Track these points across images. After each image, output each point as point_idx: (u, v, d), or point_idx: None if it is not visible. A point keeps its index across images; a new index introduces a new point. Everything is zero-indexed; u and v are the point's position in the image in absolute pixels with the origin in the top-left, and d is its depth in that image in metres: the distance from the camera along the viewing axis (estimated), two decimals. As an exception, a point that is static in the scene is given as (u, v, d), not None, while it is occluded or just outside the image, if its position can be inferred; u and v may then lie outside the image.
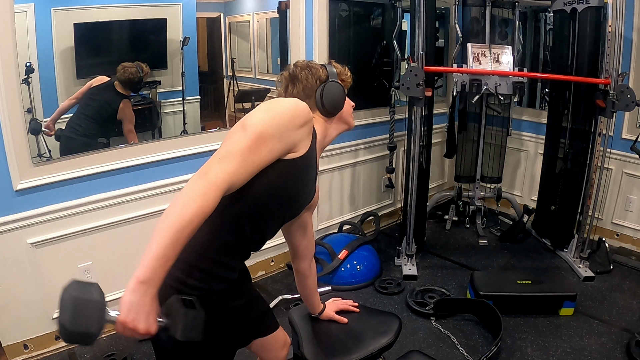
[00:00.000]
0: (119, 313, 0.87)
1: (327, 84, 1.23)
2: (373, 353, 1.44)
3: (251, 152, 0.98)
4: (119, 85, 2.29)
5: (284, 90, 1.25)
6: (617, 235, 3.26)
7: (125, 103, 2.32)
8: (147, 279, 0.90)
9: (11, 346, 2.06)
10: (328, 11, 2.74)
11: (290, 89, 1.24)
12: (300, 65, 1.25)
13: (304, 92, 1.23)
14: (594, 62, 2.70)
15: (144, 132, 2.51)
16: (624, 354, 2.14)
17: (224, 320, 1.16)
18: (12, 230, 1.94)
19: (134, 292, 0.89)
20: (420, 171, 2.84)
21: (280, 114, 1.04)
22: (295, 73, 1.24)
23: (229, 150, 0.98)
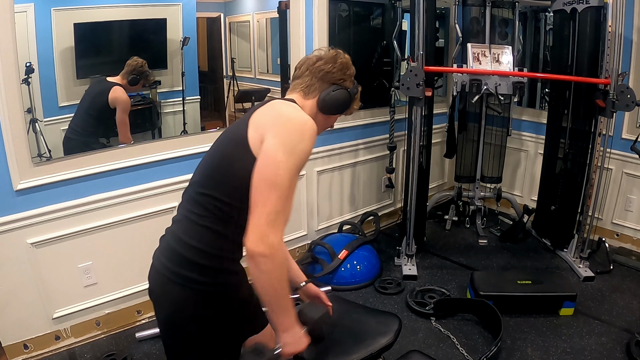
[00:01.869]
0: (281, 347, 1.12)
1: (346, 90, 1.26)
2: (373, 353, 1.44)
3: (290, 198, 1.04)
4: (118, 78, 2.28)
5: (316, 59, 1.27)
6: (617, 235, 3.26)
7: (116, 89, 2.26)
8: (289, 324, 1.12)
9: (11, 346, 2.06)
10: (328, 11, 2.74)
11: (320, 64, 1.26)
12: (344, 57, 1.29)
13: (326, 75, 1.25)
14: (594, 62, 2.69)
15: (144, 132, 2.51)
16: (624, 354, 2.14)
17: (239, 312, 1.22)
18: (12, 230, 1.94)
19: (289, 333, 1.12)
20: (420, 171, 2.84)
21: (305, 152, 1.07)
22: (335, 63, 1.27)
23: (275, 210, 1.00)
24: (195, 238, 1.12)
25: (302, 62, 1.30)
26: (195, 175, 1.20)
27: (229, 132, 1.20)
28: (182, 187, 2.35)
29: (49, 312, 2.12)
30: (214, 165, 1.16)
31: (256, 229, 0.99)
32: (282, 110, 1.12)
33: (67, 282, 2.15)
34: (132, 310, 2.38)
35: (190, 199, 1.16)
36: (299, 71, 1.29)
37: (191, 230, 1.13)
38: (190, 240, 1.12)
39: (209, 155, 1.21)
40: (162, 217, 2.36)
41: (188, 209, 1.16)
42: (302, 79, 1.27)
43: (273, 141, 1.03)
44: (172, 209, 2.38)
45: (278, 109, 1.13)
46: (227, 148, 1.15)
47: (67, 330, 2.20)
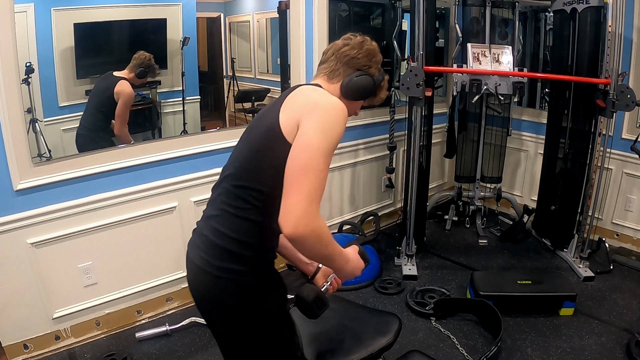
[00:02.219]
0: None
1: (370, 77, 1.27)
2: (373, 353, 1.44)
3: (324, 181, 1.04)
4: (125, 72, 2.29)
5: (343, 44, 1.27)
6: (617, 235, 3.26)
7: (122, 82, 2.27)
8: (344, 261, 1.17)
9: (11, 346, 2.06)
10: (328, 11, 2.74)
11: (345, 49, 1.26)
12: (371, 45, 1.29)
13: (351, 61, 1.26)
14: (594, 62, 2.69)
15: (144, 132, 2.51)
16: (624, 354, 2.14)
17: (281, 291, 1.26)
18: (12, 230, 1.94)
19: (347, 267, 1.18)
20: (420, 171, 2.84)
21: (338, 134, 1.08)
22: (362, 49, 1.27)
23: (311, 195, 0.99)
24: (238, 231, 1.12)
25: (328, 47, 1.31)
26: (228, 167, 1.19)
27: (260, 122, 1.18)
28: (182, 187, 2.38)
29: (49, 312, 2.12)
30: (249, 156, 1.14)
31: (293, 214, 0.97)
32: (313, 96, 1.12)
33: (67, 282, 2.15)
34: (132, 310, 2.38)
35: (227, 192, 1.15)
36: (325, 56, 1.30)
37: (233, 224, 1.13)
38: (232, 233, 1.12)
39: (240, 146, 1.21)
40: (162, 217, 2.36)
41: (225, 202, 1.15)
42: (328, 64, 1.28)
43: (308, 126, 1.04)
44: (172, 209, 2.38)
45: (309, 95, 1.13)
46: (260, 138, 1.13)
47: (67, 330, 2.20)
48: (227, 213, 1.14)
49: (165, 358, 2.16)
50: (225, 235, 1.13)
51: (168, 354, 2.18)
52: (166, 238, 2.40)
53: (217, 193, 1.20)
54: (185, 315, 2.42)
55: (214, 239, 1.14)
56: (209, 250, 1.15)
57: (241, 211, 1.12)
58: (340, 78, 1.26)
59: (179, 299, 2.53)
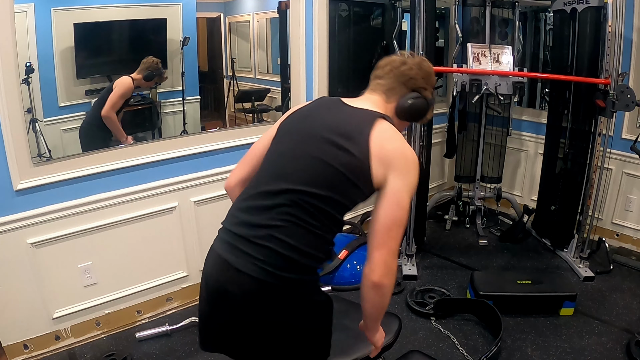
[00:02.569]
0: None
1: (425, 100, 1.29)
2: (373, 353, 1.44)
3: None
4: (133, 74, 2.32)
5: (401, 62, 1.29)
6: (617, 235, 3.26)
7: (123, 77, 2.29)
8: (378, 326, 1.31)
9: (11, 346, 2.06)
10: (328, 11, 2.74)
11: (405, 69, 1.28)
12: (429, 67, 1.32)
13: (409, 81, 1.28)
14: (594, 62, 2.69)
15: (144, 132, 2.51)
16: (624, 354, 2.14)
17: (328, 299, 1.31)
18: (12, 230, 1.94)
19: (379, 333, 1.33)
20: (420, 171, 2.83)
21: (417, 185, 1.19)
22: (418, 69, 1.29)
23: (398, 245, 1.14)
24: (309, 244, 1.14)
25: (386, 63, 1.32)
26: (295, 180, 1.15)
27: (335, 142, 1.15)
28: (182, 187, 2.39)
29: (49, 312, 2.12)
30: (328, 182, 1.14)
31: (384, 264, 1.11)
32: (403, 149, 1.16)
33: (67, 282, 2.15)
34: (132, 310, 2.38)
35: (297, 206, 1.14)
36: (382, 71, 1.31)
37: (302, 237, 1.14)
38: (303, 246, 1.14)
39: (308, 162, 1.17)
40: (162, 217, 2.36)
41: (295, 215, 1.14)
42: (385, 80, 1.29)
43: (400, 185, 1.13)
44: (172, 209, 2.38)
45: (398, 147, 1.16)
46: (345, 169, 1.13)
47: (67, 330, 2.20)
48: (297, 226, 1.13)
49: (165, 358, 2.16)
50: (295, 248, 1.13)
51: (168, 354, 2.18)
52: (166, 238, 2.40)
53: (274, 202, 1.15)
54: (185, 315, 2.42)
55: (282, 251, 1.13)
56: (275, 261, 1.13)
57: (313, 227, 1.14)
58: (396, 97, 1.28)
59: (179, 299, 2.53)
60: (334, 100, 1.29)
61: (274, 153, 1.25)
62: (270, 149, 1.27)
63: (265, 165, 1.26)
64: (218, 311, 1.22)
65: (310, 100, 1.47)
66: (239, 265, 1.14)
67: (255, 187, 1.22)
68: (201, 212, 2.46)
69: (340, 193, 1.14)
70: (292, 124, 1.28)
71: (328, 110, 1.26)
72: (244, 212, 1.20)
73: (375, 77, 1.32)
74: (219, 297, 1.19)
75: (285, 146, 1.24)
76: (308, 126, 1.24)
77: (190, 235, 2.46)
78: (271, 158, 1.25)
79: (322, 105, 1.30)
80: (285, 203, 1.14)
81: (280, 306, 1.16)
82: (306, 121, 1.25)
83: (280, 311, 1.16)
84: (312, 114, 1.27)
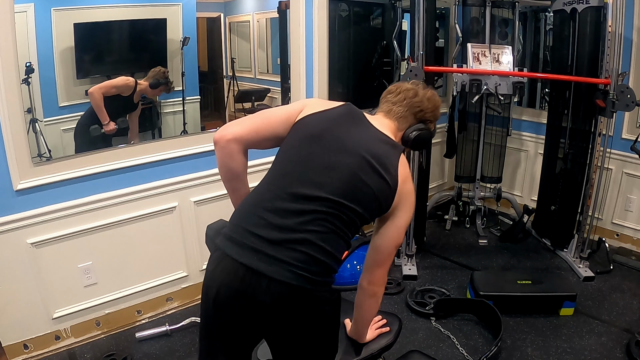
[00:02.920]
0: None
1: (429, 132, 1.40)
2: (373, 353, 1.45)
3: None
4: (141, 80, 2.36)
5: (414, 93, 1.37)
6: (617, 235, 3.26)
7: (128, 77, 2.34)
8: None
9: (11, 346, 2.06)
10: (328, 11, 2.74)
11: (417, 100, 1.37)
12: (438, 101, 1.43)
13: (419, 112, 1.37)
14: (594, 62, 2.69)
15: (144, 132, 2.51)
16: (624, 354, 2.14)
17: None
18: (12, 230, 1.94)
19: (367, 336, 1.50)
20: (420, 171, 2.84)
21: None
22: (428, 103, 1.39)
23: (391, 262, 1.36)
24: (337, 249, 1.21)
25: (399, 90, 1.38)
26: (333, 191, 1.18)
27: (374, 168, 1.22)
28: (182, 187, 2.39)
29: (49, 312, 2.12)
30: (363, 199, 1.21)
31: (383, 277, 1.34)
32: (412, 188, 1.30)
33: (67, 282, 2.15)
34: (132, 310, 2.38)
35: (333, 215, 1.18)
36: (395, 97, 1.38)
37: (334, 242, 1.20)
38: (335, 251, 1.20)
39: (351, 177, 1.20)
40: (162, 217, 2.36)
41: (332, 222, 1.18)
42: (398, 108, 1.36)
43: (405, 216, 1.29)
44: (172, 209, 2.38)
45: (411, 187, 1.29)
46: (377, 193, 1.23)
47: (67, 330, 2.20)
48: (332, 232, 1.18)
49: (165, 358, 2.16)
50: (330, 254, 1.19)
51: (168, 354, 2.18)
52: (166, 238, 2.40)
53: (309, 207, 1.16)
54: (185, 315, 2.42)
55: (319, 256, 1.16)
56: (311, 267, 1.15)
57: (344, 233, 1.22)
58: (405, 126, 1.36)
59: (179, 299, 2.53)
60: (359, 114, 1.32)
61: (302, 154, 1.23)
62: (296, 149, 1.24)
63: (292, 164, 1.23)
64: (235, 320, 1.19)
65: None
66: (269, 272, 1.11)
67: (285, 187, 1.19)
68: (201, 212, 2.46)
69: (368, 211, 1.24)
70: (321, 128, 1.25)
71: (357, 126, 1.29)
72: (274, 213, 1.16)
73: (388, 101, 1.38)
74: (239, 307, 1.15)
75: (316, 150, 1.22)
76: (343, 138, 1.24)
77: (190, 235, 2.46)
78: (300, 158, 1.23)
79: (348, 115, 1.30)
80: (322, 210, 1.16)
81: (308, 307, 1.18)
82: (338, 130, 1.25)
83: (308, 312, 1.19)
84: (342, 124, 1.27)
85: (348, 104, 1.34)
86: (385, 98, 1.40)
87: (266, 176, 1.26)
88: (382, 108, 1.39)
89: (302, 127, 1.26)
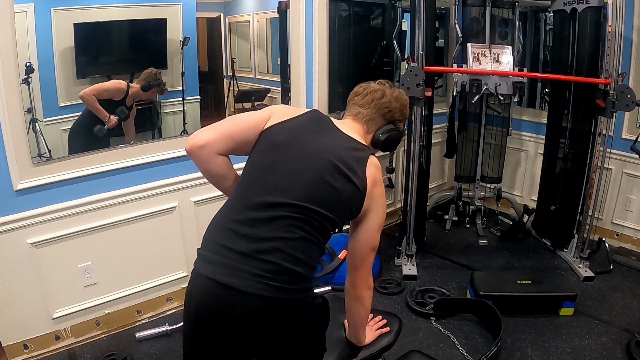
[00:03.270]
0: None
1: (399, 132, 1.39)
2: (373, 353, 1.45)
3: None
4: (133, 83, 2.36)
5: (382, 95, 1.35)
6: (617, 235, 3.26)
7: (121, 80, 2.35)
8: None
9: (11, 346, 2.06)
10: (328, 11, 2.74)
11: (385, 101, 1.35)
12: (406, 100, 1.41)
13: (387, 113, 1.36)
14: (594, 62, 2.69)
15: (144, 132, 2.51)
16: (624, 354, 2.14)
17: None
18: (12, 230, 1.94)
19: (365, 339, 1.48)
20: (420, 171, 2.84)
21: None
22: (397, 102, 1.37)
23: (372, 263, 1.33)
24: (311, 256, 1.20)
25: (366, 92, 1.36)
26: (298, 196, 1.16)
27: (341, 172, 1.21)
28: (182, 187, 2.39)
29: (49, 312, 2.12)
30: (330, 203, 1.20)
31: (363, 280, 1.31)
32: (383, 190, 1.30)
33: (67, 282, 2.15)
34: (132, 310, 2.38)
35: (301, 219, 1.16)
36: (362, 100, 1.36)
37: (309, 250, 1.19)
38: (307, 259, 1.18)
39: (317, 181, 1.19)
40: (162, 217, 2.36)
41: (300, 227, 1.16)
42: (366, 110, 1.34)
43: (377, 218, 1.28)
44: (171, 209, 2.38)
45: (382, 190, 1.29)
46: (345, 196, 1.21)
47: (67, 330, 2.20)
48: (302, 239, 1.16)
49: (165, 358, 2.16)
50: (301, 261, 1.16)
51: (168, 354, 2.18)
52: (166, 238, 2.40)
53: (276, 214, 1.15)
54: (185, 315, 2.42)
55: (288, 265, 1.13)
56: (282, 276, 1.13)
57: (316, 238, 1.19)
58: (374, 128, 1.36)
59: (179, 299, 2.53)
60: (325, 120, 1.32)
61: (268, 162, 1.21)
62: (261, 157, 1.23)
63: (258, 174, 1.22)
64: (220, 338, 1.18)
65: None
66: (241, 286, 1.10)
67: (252, 197, 1.18)
68: (201, 212, 2.46)
69: (338, 215, 1.22)
70: (286, 136, 1.24)
71: (323, 130, 1.28)
72: (243, 224, 1.16)
73: (356, 104, 1.37)
74: (220, 325, 1.15)
75: (281, 158, 1.21)
76: (308, 144, 1.23)
77: (190, 235, 2.46)
78: (266, 167, 1.21)
79: (314, 122, 1.29)
80: (290, 215, 1.15)
81: (288, 316, 1.17)
82: (303, 137, 1.24)
83: (290, 321, 1.18)
84: (307, 129, 1.26)
85: (314, 110, 1.34)
86: (352, 100, 1.38)
87: (236, 187, 1.26)
88: (350, 111, 1.37)
89: (267, 137, 1.25)
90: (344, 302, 1.39)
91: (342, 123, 1.34)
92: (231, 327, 1.15)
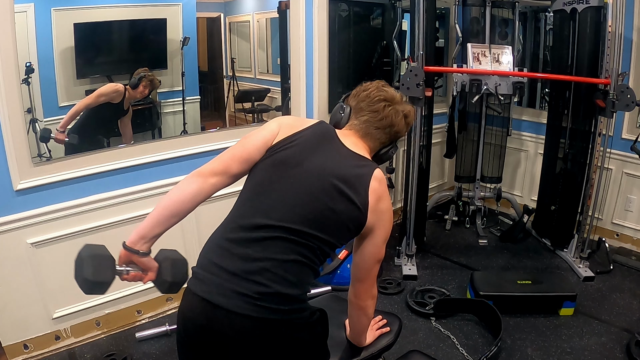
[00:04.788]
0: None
1: (396, 147, 1.41)
2: (373, 353, 1.45)
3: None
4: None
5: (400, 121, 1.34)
6: (617, 235, 3.26)
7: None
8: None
9: (11, 346, 2.06)
10: (328, 11, 2.74)
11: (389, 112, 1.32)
12: (412, 117, 1.39)
13: (395, 135, 1.35)
14: (594, 62, 2.70)
15: (144, 132, 2.51)
16: (624, 354, 2.14)
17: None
18: (12, 230, 1.94)
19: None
20: (420, 171, 2.84)
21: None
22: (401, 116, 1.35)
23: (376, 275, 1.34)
24: (303, 279, 1.18)
25: (386, 112, 1.31)
26: (293, 218, 1.15)
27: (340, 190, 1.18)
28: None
29: (49, 312, 2.12)
30: (328, 226, 1.18)
31: (367, 292, 1.32)
32: (389, 206, 1.27)
33: (67, 282, 2.13)
34: (132, 310, 2.38)
35: (295, 242, 1.15)
36: (379, 121, 1.32)
37: (301, 273, 1.16)
38: (299, 282, 1.16)
39: (314, 204, 1.17)
40: (162, 217, 2.35)
41: (292, 249, 1.14)
42: (379, 134, 1.33)
43: (383, 233, 1.26)
44: (172, 209, 2.37)
45: (388, 205, 1.26)
46: (343, 217, 1.19)
47: (67, 330, 2.20)
48: (294, 262, 1.14)
49: (165, 358, 2.16)
50: (291, 282, 1.13)
51: (168, 353, 2.18)
52: (166, 238, 2.39)
53: (270, 235, 1.14)
54: (185, 315, 2.42)
55: (278, 287, 1.11)
56: (271, 297, 1.11)
57: (310, 260, 1.17)
58: (378, 145, 1.35)
59: (179, 299, 2.52)
60: (330, 134, 1.28)
61: (266, 182, 1.20)
62: (261, 175, 1.22)
63: (256, 194, 1.21)
64: (211, 357, 1.17)
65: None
66: (229, 305, 1.09)
67: (247, 217, 1.18)
68: (201, 212, 2.44)
69: (335, 236, 1.20)
70: (287, 153, 1.22)
71: (327, 148, 1.25)
72: (236, 244, 1.15)
73: (369, 122, 1.32)
74: (209, 344, 1.15)
75: (279, 177, 1.20)
76: (309, 163, 1.21)
77: (191, 235, 2.46)
78: (264, 187, 1.20)
79: (320, 137, 1.26)
80: (284, 237, 1.13)
81: (279, 337, 1.14)
82: (306, 156, 1.22)
83: (281, 341, 1.15)
84: (310, 145, 1.24)
85: (321, 123, 1.31)
86: (365, 111, 1.31)
87: (234, 205, 1.25)
88: (361, 126, 1.31)
89: (270, 153, 1.23)
90: (345, 302, 1.39)
91: (347, 137, 1.30)
92: (221, 346, 1.14)
